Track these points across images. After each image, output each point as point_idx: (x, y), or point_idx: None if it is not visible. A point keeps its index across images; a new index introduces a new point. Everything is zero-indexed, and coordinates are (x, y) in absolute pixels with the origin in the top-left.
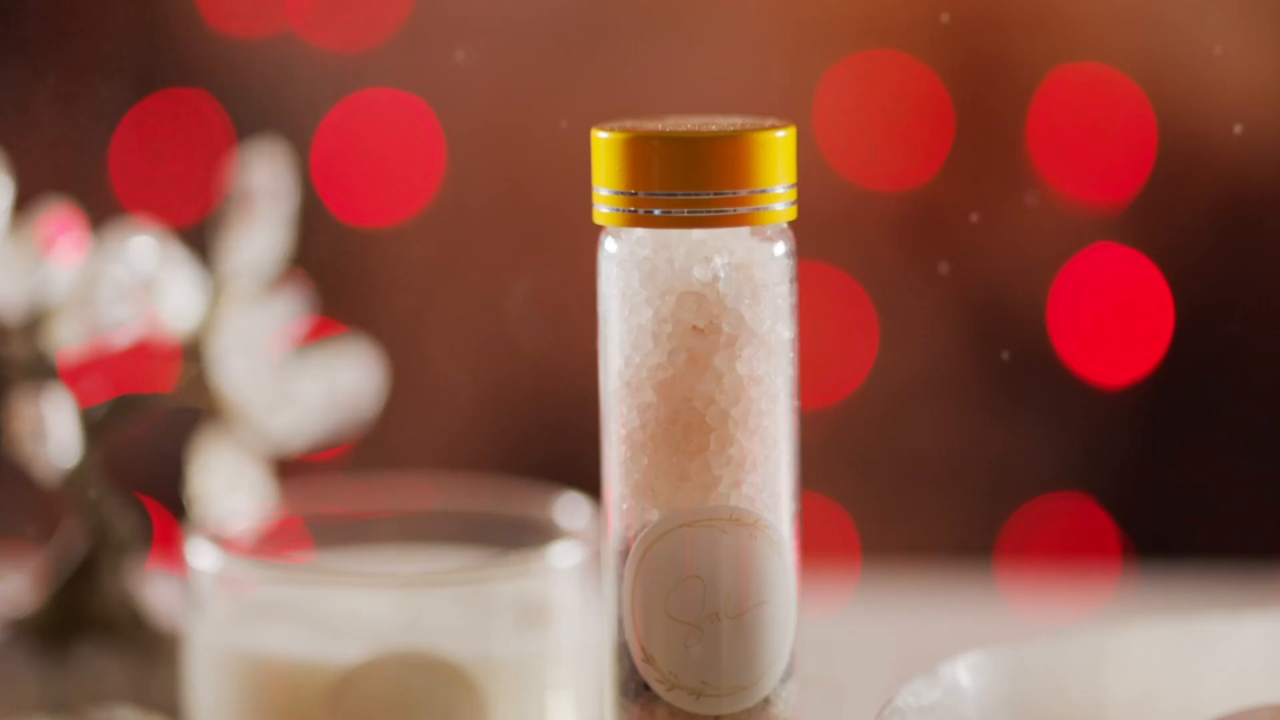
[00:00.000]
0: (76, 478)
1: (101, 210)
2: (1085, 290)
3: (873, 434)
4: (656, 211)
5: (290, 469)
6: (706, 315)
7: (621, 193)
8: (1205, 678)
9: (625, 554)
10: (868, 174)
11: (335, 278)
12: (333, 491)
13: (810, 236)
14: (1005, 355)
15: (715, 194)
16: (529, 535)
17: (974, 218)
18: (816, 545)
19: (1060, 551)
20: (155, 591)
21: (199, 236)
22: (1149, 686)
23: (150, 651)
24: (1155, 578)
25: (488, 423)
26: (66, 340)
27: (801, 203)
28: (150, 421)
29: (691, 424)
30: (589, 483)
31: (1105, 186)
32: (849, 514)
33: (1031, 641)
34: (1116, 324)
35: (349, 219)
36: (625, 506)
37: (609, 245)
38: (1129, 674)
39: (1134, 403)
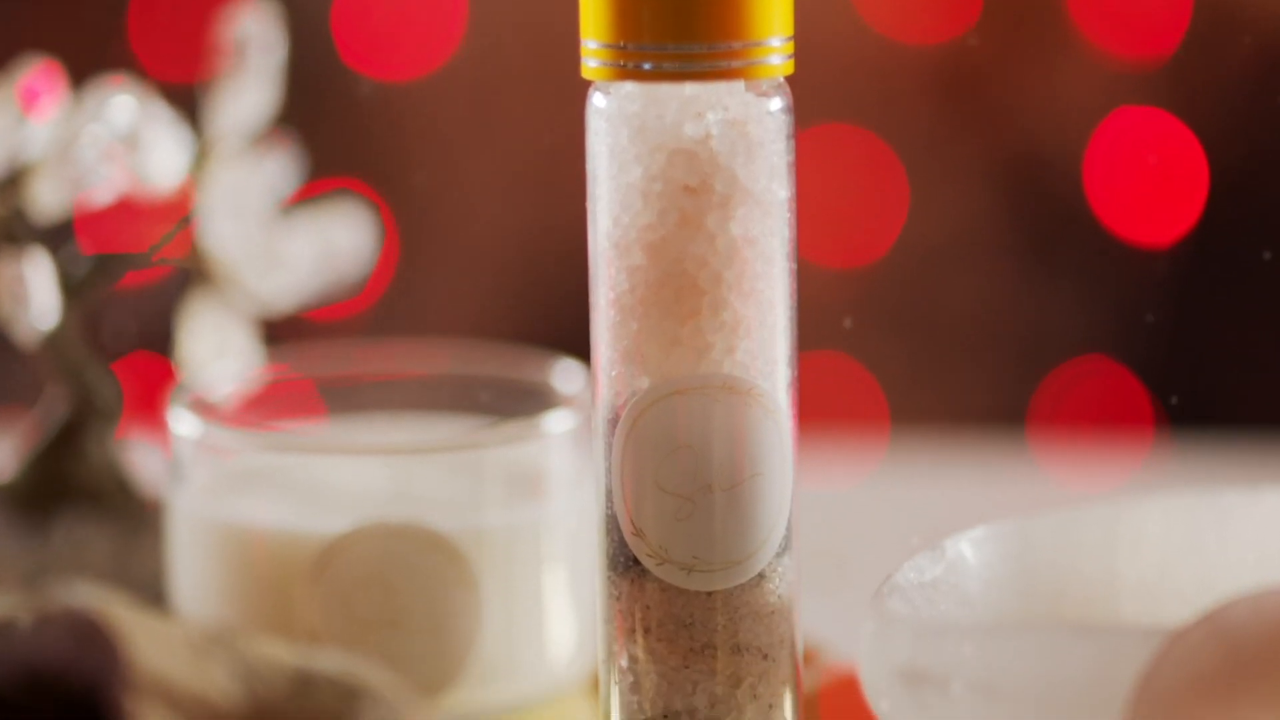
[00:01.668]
0: (57, 341)
1: (85, 67)
2: (1121, 149)
3: (903, 297)
4: (646, 65)
5: (292, 332)
6: (698, 174)
7: (609, 45)
8: (1223, 554)
9: (614, 423)
10: (900, 26)
11: (352, 133)
12: (322, 356)
13: (838, 95)
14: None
15: (707, 46)
16: (526, 402)
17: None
18: (844, 411)
19: (1093, 419)
20: (141, 460)
21: (191, 94)
22: (1164, 563)
23: (134, 521)
24: (1188, 446)
25: (511, 287)
26: (46, 199)
27: (829, 59)
28: (139, 285)
29: (683, 287)
30: None
31: (1142, 42)
32: (877, 379)
33: (1040, 515)
34: (1152, 184)
35: (370, 72)
36: (614, 374)
37: (597, 100)
38: (1143, 550)
39: (1169, 266)
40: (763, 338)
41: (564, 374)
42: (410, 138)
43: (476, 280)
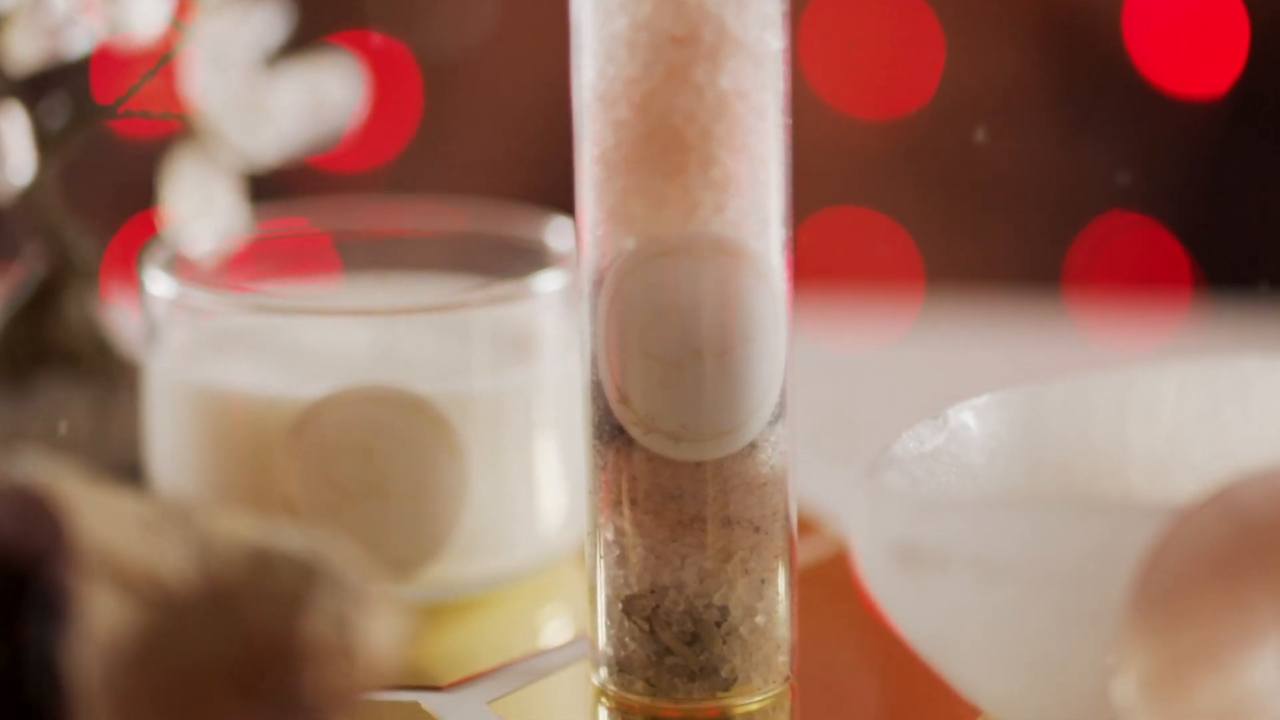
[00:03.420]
0: (33, 197)
1: None
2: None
3: (939, 151)
4: None
5: (307, 185)
6: (686, 22)
7: None
8: (1242, 425)
9: (599, 285)
10: None
11: None
12: (309, 214)
13: None
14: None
15: None
16: (523, 261)
17: None
18: (878, 270)
19: (1129, 279)
20: (122, 322)
21: None
22: (1176, 433)
23: (113, 385)
24: (1226, 309)
25: (535, 144)
26: (20, 50)
27: None
28: (123, 143)
29: (670, 142)
30: None
31: None
32: (912, 236)
33: (1048, 383)
34: (1193, 34)
35: None
36: (599, 233)
37: None
38: (1155, 420)
39: (1210, 120)
40: (754, 196)
41: (560, 232)
42: None
43: (499, 137)
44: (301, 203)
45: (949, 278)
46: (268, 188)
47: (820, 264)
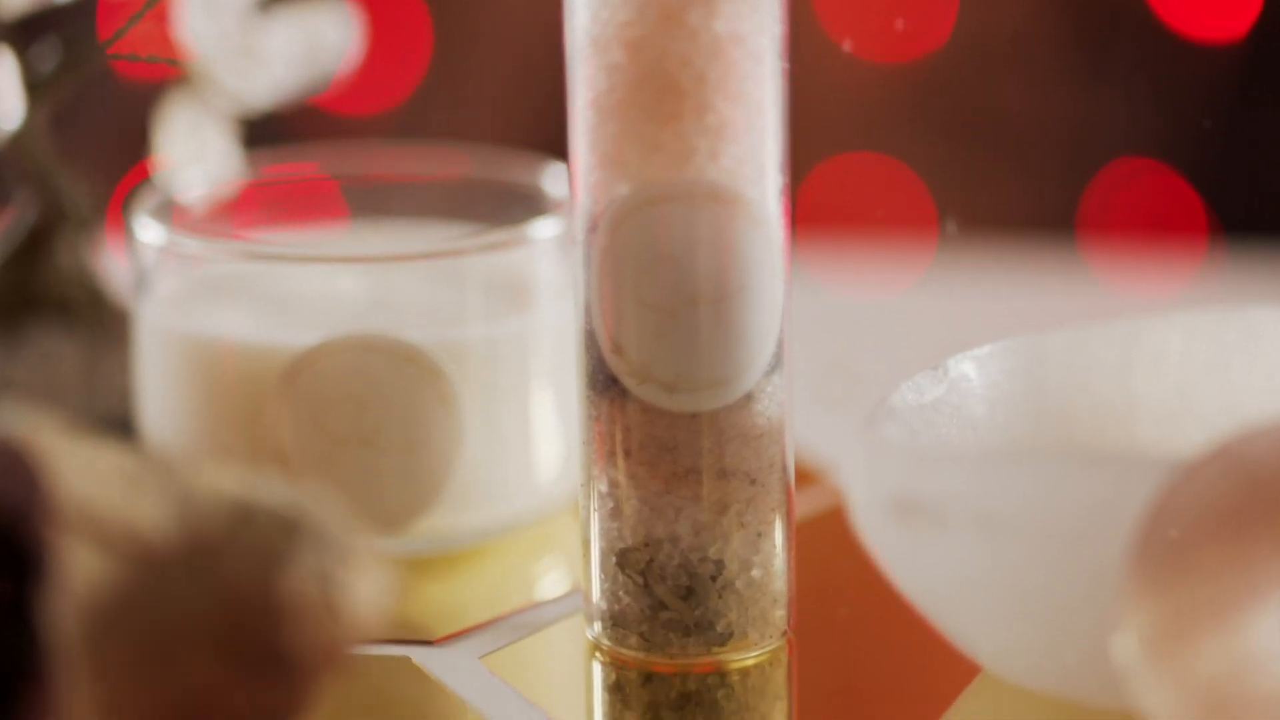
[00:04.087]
0: (23, 142)
1: None
2: None
3: (953, 96)
4: None
5: (315, 128)
6: None
7: None
8: (1250, 376)
9: (593, 232)
10: None
11: None
12: (305, 160)
13: None
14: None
15: None
16: (516, 208)
17: None
18: (892, 218)
19: (1144, 226)
20: (115, 269)
21: None
22: (1184, 385)
23: (105, 333)
24: (1241, 257)
25: (545, 90)
26: None
27: None
28: (121, 88)
29: (664, 87)
30: None
31: None
32: (925, 182)
33: (1051, 333)
34: None
35: None
36: (593, 180)
37: None
38: (1162, 371)
39: (1227, 65)
40: (751, 142)
41: (558, 178)
42: None
43: (510, 81)
44: (299, 148)
45: (962, 224)
46: (274, 131)
47: (832, 210)
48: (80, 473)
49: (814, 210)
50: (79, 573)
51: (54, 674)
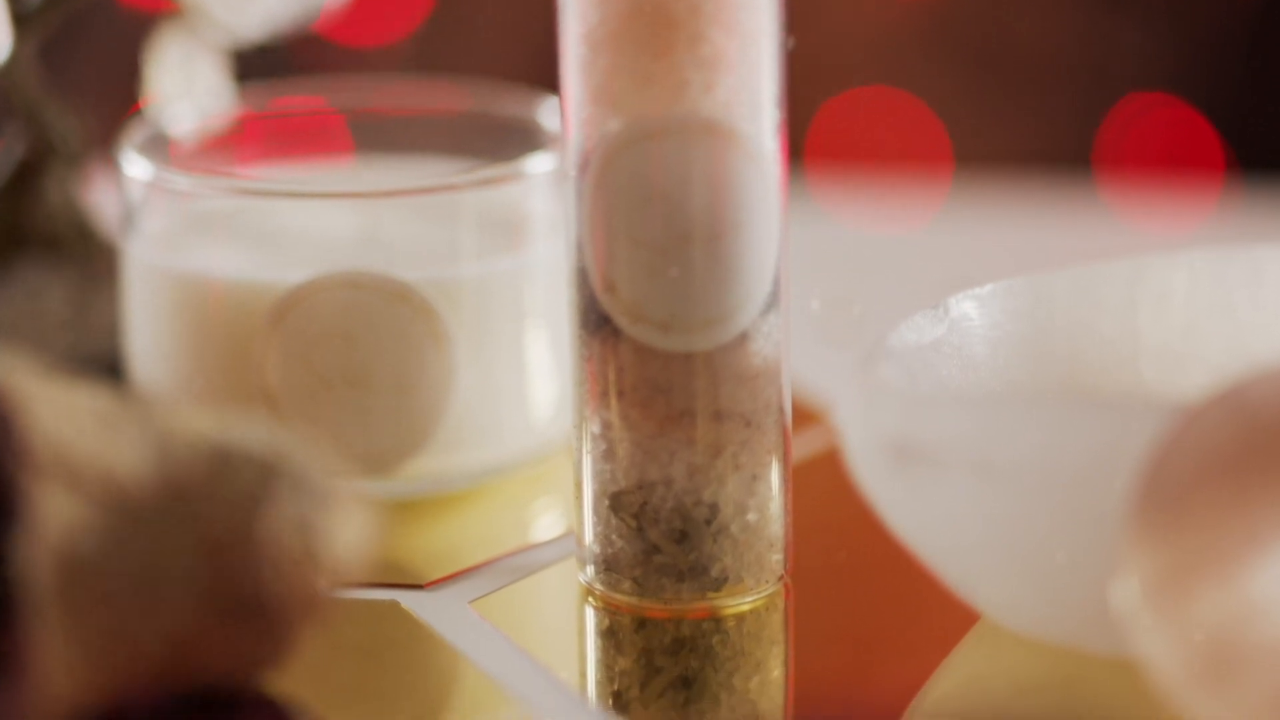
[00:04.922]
0: (10, 75)
1: None
2: None
3: (969, 29)
4: None
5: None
6: None
7: None
8: (1254, 316)
9: (584, 169)
10: None
11: None
12: (299, 95)
13: None
14: None
15: None
16: (512, 143)
17: None
18: (907, 153)
19: (1161, 162)
20: (105, 205)
21: None
22: (1188, 325)
23: (94, 270)
24: (1257, 193)
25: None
26: None
27: None
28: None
29: (656, 19)
30: None
31: None
32: (941, 120)
33: (1055, 272)
34: None
35: None
36: (584, 115)
37: None
38: (1166, 311)
39: (1243, 2)
40: (746, 75)
41: (554, 113)
42: None
43: (514, 14)
44: (293, 82)
45: (977, 159)
46: (272, 63)
47: (845, 144)
48: (56, 416)
49: (828, 142)
50: (54, 518)
51: (28, 621)
